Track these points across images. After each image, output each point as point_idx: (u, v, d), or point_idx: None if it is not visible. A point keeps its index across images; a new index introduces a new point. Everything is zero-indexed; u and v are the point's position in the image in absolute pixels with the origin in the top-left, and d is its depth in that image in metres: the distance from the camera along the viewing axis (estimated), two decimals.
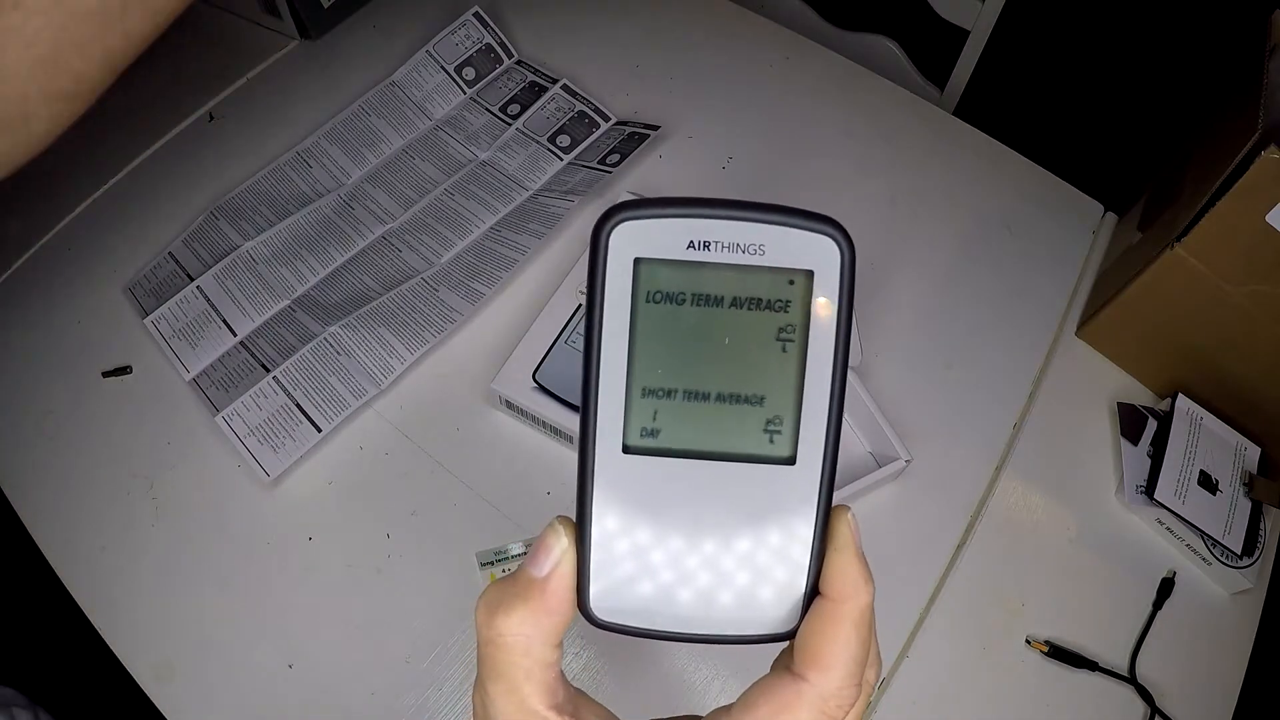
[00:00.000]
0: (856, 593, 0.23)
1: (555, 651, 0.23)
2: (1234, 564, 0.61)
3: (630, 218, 0.23)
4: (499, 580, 0.24)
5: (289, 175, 0.77)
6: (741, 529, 0.24)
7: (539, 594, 0.23)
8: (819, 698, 0.23)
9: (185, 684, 0.56)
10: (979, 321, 0.71)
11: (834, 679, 0.23)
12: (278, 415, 0.64)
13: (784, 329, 0.23)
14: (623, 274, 0.23)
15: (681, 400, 0.23)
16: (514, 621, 0.23)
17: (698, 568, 0.24)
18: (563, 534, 0.24)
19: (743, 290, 0.23)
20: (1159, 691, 0.58)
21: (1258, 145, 0.52)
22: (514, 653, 0.23)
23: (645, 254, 0.23)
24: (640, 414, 0.23)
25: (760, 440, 0.23)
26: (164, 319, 0.69)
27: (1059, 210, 0.78)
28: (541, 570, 0.23)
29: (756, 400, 0.23)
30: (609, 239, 0.23)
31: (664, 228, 0.23)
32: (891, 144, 0.80)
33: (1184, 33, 1.51)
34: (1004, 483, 0.65)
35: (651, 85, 0.83)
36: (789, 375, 0.23)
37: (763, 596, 0.24)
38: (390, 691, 0.56)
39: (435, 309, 0.68)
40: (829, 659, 0.23)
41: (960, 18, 0.94)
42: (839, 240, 0.23)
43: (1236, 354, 0.63)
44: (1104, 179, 0.84)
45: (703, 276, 0.23)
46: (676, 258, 0.23)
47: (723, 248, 0.22)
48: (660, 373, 0.23)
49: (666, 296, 0.23)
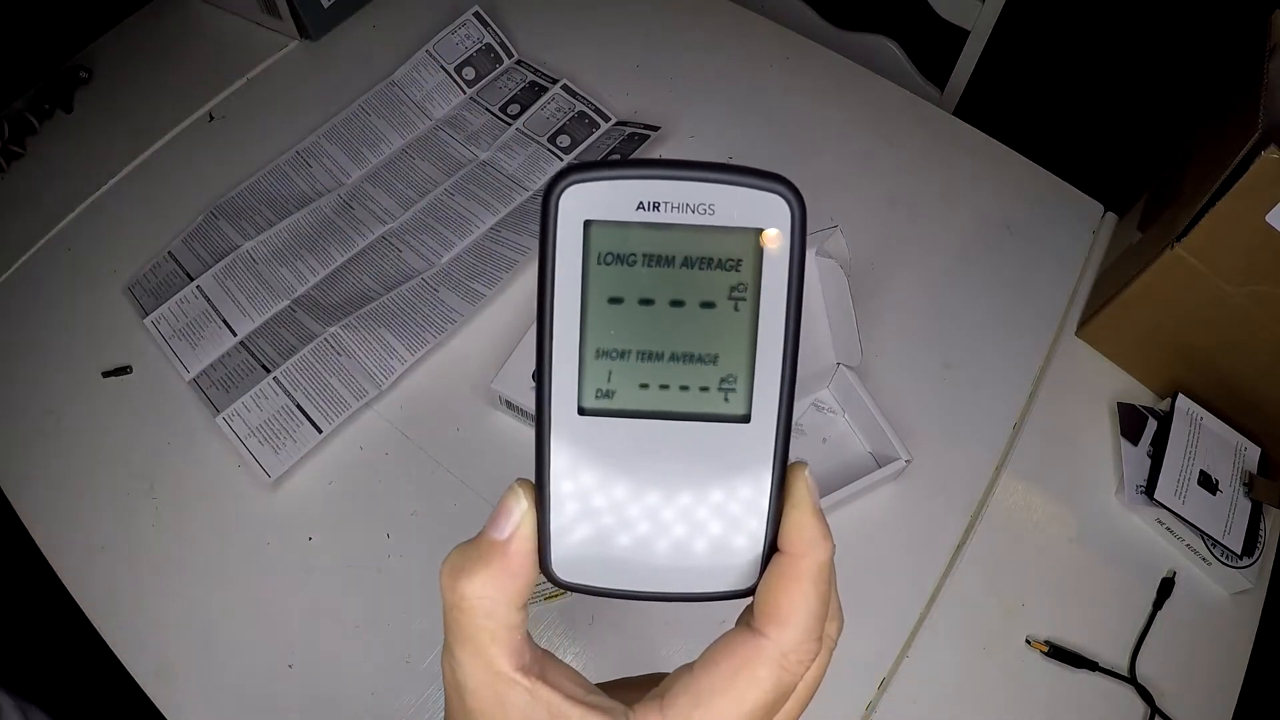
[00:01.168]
0: (814, 548, 0.23)
1: (520, 614, 0.23)
2: (1234, 564, 0.61)
3: (579, 180, 0.22)
4: (461, 545, 0.24)
5: (289, 175, 0.77)
6: (699, 487, 0.24)
7: (500, 556, 0.23)
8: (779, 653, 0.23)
9: (185, 684, 0.56)
10: (979, 321, 0.71)
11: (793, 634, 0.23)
12: (278, 416, 0.64)
13: (735, 288, 0.23)
14: (573, 236, 0.23)
15: (635, 361, 0.23)
16: (476, 584, 0.23)
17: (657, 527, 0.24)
18: (522, 496, 0.24)
19: (694, 250, 0.23)
20: (1159, 691, 0.58)
21: (1258, 145, 0.52)
22: (478, 615, 0.23)
23: (595, 215, 0.23)
24: (594, 376, 0.23)
25: (715, 399, 0.24)
26: (164, 319, 0.69)
27: (1059, 210, 0.78)
28: (502, 533, 0.24)
29: (710, 359, 0.23)
30: (559, 201, 0.22)
31: (613, 189, 0.22)
32: (891, 144, 0.80)
33: (1184, 33, 1.51)
34: (1004, 483, 0.65)
35: (651, 85, 0.83)
36: (741, 334, 0.23)
37: (722, 554, 0.24)
38: (390, 691, 0.56)
39: (435, 309, 0.68)
40: (787, 614, 0.23)
41: (960, 18, 0.94)
42: (789, 198, 0.23)
43: (1236, 354, 0.63)
44: (1104, 179, 0.84)
45: (653, 237, 0.23)
46: (626, 219, 0.22)
47: (673, 208, 0.22)
48: (613, 334, 0.23)
49: (617, 258, 0.23)
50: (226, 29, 0.87)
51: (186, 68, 0.84)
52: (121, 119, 0.81)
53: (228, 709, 0.56)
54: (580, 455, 0.24)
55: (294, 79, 0.84)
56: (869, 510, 0.63)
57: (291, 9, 0.83)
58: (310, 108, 0.81)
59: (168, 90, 0.82)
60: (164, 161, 0.79)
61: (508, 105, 0.81)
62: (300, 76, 0.84)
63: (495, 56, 0.83)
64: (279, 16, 0.84)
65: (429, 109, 0.81)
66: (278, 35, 0.86)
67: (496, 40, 0.83)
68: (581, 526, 0.24)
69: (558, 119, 0.79)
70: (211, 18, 0.88)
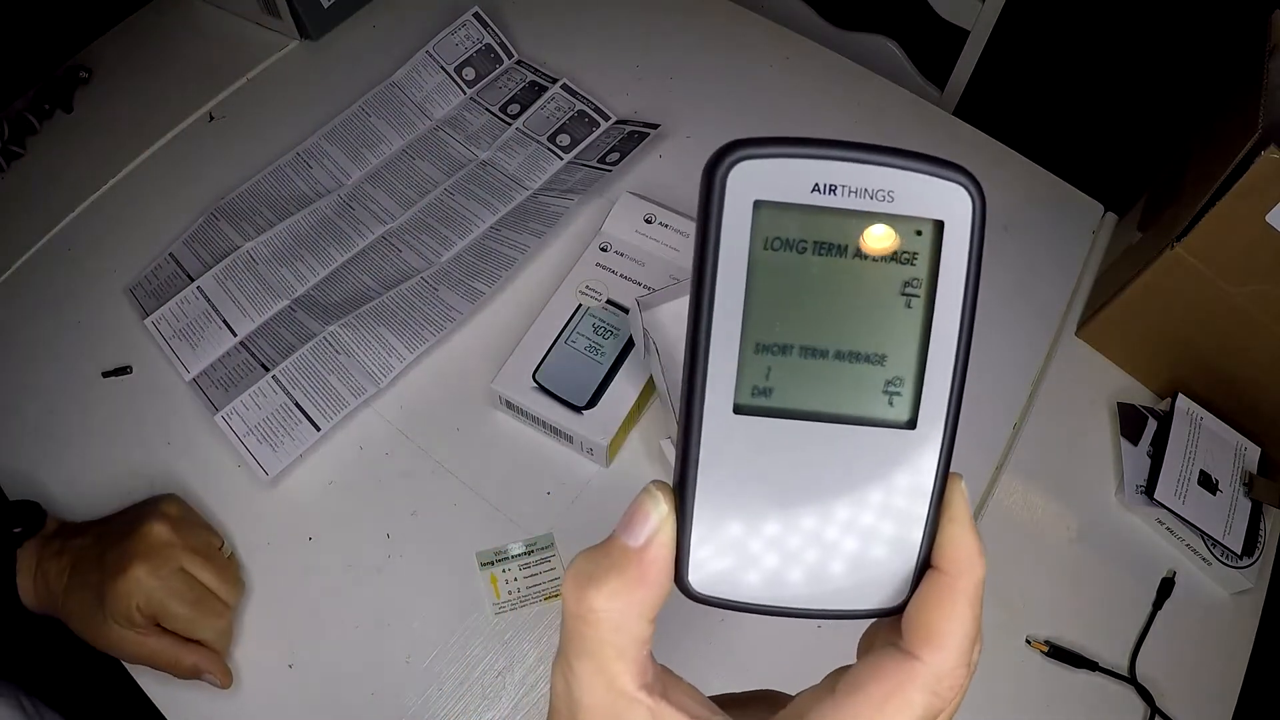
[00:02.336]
0: (972, 566, 0.22)
1: (649, 627, 0.22)
2: (1234, 564, 0.61)
3: (750, 155, 0.20)
4: (588, 551, 0.22)
5: (289, 175, 0.77)
6: (854, 496, 0.22)
7: (635, 565, 0.21)
8: (933, 677, 0.21)
9: (185, 684, 0.55)
10: (979, 321, 0.71)
11: (949, 658, 0.21)
12: (277, 414, 0.64)
13: (909, 283, 0.21)
14: (740, 218, 0.21)
15: (798, 357, 0.21)
16: (605, 596, 0.21)
17: (805, 538, 0.22)
18: (661, 500, 0.22)
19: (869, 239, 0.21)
20: (1159, 691, 0.58)
21: (1258, 145, 0.52)
22: (605, 629, 0.21)
23: (766, 196, 0.21)
24: (753, 371, 0.22)
25: (879, 402, 0.22)
26: (164, 319, 0.69)
27: (1059, 210, 0.78)
28: (637, 540, 0.22)
29: (877, 359, 0.22)
30: (726, 178, 0.20)
31: (787, 168, 0.21)
32: (891, 144, 0.80)
33: (1184, 33, 1.51)
34: (1004, 483, 0.65)
35: (651, 85, 0.83)
36: (913, 333, 0.22)
37: (871, 569, 0.22)
38: (390, 691, 0.56)
39: (435, 308, 0.68)
40: (944, 636, 0.21)
41: (960, 18, 0.94)
42: (971, 190, 0.21)
43: (1236, 354, 0.63)
44: (1104, 179, 0.84)
45: (827, 223, 0.21)
46: (800, 201, 0.21)
47: (850, 192, 0.21)
48: (777, 327, 0.21)
49: (786, 244, 0.21)
50: (226, 29, 0.87)
51: (186, 68, 0.84)
52: (121, 119, 0.81)
53: (227, 709, 0.56)
54: (730, 457, 0.22)
55: (294, 79, 0.84)
56: None
57: (291, 9, 0.83)
58: (310, 108, 0.81)
59: (168, 90, 0.82)
60: (164, 161, 0.79)
61: (508, 105, 0.81)
62: (300, 76, 0.84)
63: (495, 57, 0.83)
64: (279, 16, 0.84)
65: (429, 109, 0.81)
66: (278, 35, 0.86)
67: (496, 40, 0.83)
68: (725, 534, 0.22)
69: (558, 118, 0.79)
70: (211, 18, 0.88)
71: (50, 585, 0.54)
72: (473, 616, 0.59)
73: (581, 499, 0.62)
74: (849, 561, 0.22)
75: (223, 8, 0.87)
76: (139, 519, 0.55)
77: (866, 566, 0.22)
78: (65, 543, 0.56)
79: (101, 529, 0.57)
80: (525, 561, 0.60)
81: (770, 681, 0.27)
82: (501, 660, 0.57)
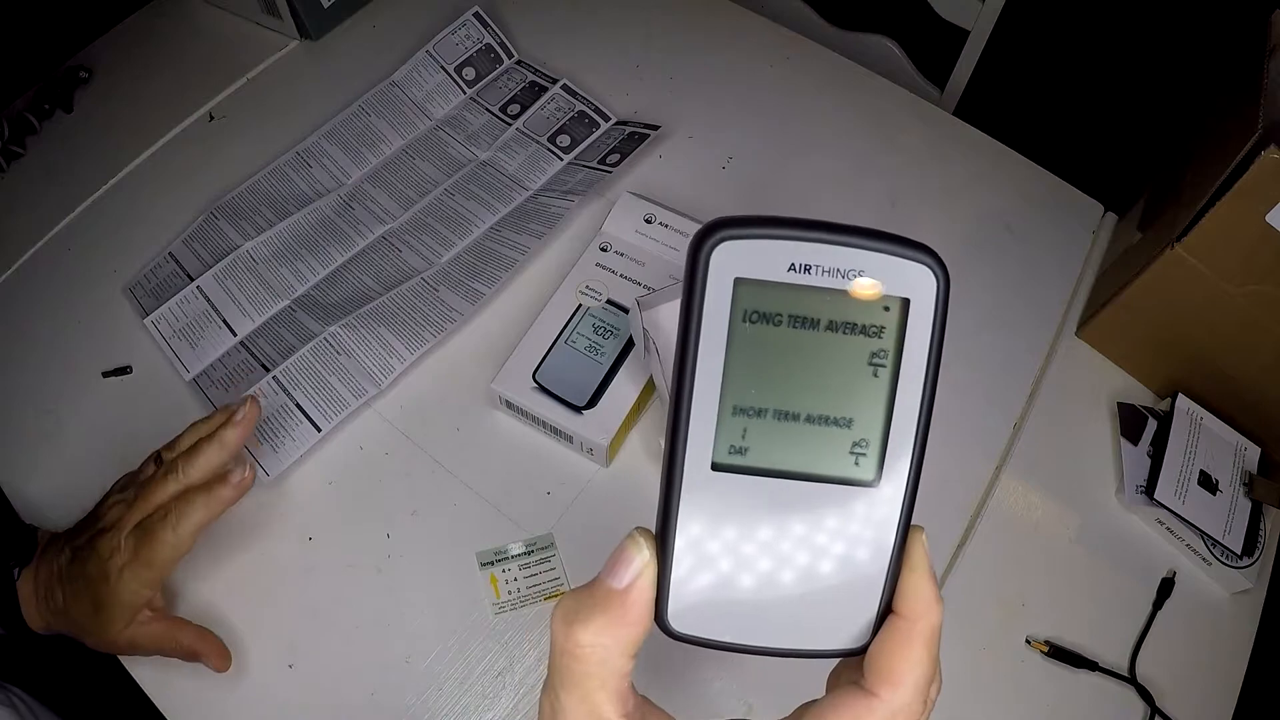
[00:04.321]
0: (929, 611, 0.24)
1: (631, 662, 0.24)
2: (1234, 564, 0.61)
3: (732, 236, 0.23)
4: (575, 590, 0.24)
5: (289, 175, 0.77)
6: (822, 548, 0.24)
7: (619, 605, 0.23)
8: (889, 713, 0.23)
9: (185, 684, 0.56)
10: (979, 321, 0.71)
11: (905, 694, 0.23)
12: (277, 415, 0.64)
13: (876, 354, 0.23)
14: (722, 292, 0.23)
15: (772, 420, 0.24)
16: (591, 633, 0.23)
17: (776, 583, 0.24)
18: (644, 546, 0.24)
19: (839, 314, 0.23)
20: (1159, 691, 0.58)
21: (1258, 145, 0.52)
22: (590, 663, 0.23)
23: (746, 274, 0.23)
24: (730, 432, 0.24)
25: (846, 462, 0.24)
26: (164, 319, 0.69)
27: (1059, 210, 0.78)
28: (621, 582, 0.24)
29: (845, 423, 0.24)
30: (710, 256, 0.23)
31: (765, 249, 0.23)
32: (891, 144, 0.80)
33: (1184, 33, 1.51)
34: (1004, 483, 0.65)
35: (651, 85, 0.83)
36: (878, 400, 0.24)
37: (838, 613, 0.24)
38: (390, 691, 0.56)
39: (435, 309, 0.68)
40: (901, 675, 0.23)
41: (960, 18, 0.94)
42: (935, 270, 0.23)
43: (1236, 354, 0.63)
44: (1104, 179, 0.84)
45: (801, 299, 0.23)
46: (777, 279, 0.23)
47: (822, 271, 0.23)
48: (753, 392, 0.23)
49: (764, 317, 0.23)
50: (226, 29, 0.87)
51: (186, 68, 0.84)
52: (121, 119, 0.81)
53: (227, 709, 0.56)
54: (708, 509, 0.24)
55: (294, 79, 0.84)
56: None
57: (291, 9, 0.83)
58: (310, 108, 0.81)
59: (168, 90, 0.82)
60: (164, 161, 0.79)
61: (508, 105, 0.81)
62: (300, 76, 0.84)
63: (495, 57, 0.83)
64: (279, 16, 0.84)
65: (429, 109, 0.81)
66: (278, 35, 0.86)
67: (496, 40, 0.83)
68: (702, 579, 0.24)
69: (558, 119, 0.79)
70: (211, 18, 0.88)
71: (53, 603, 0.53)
72: (473, 616, 0.59)
73: (581, 499, 0.62)
74: (816, 606, 0.24)
75: (223, 8, 0.87)
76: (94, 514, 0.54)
77: (833, 611, 0.24)
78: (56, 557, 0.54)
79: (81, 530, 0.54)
80: (525, 561, 0.60)
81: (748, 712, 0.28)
82: (501, 660, 0.57)
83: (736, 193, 0.77)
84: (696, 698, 0.57)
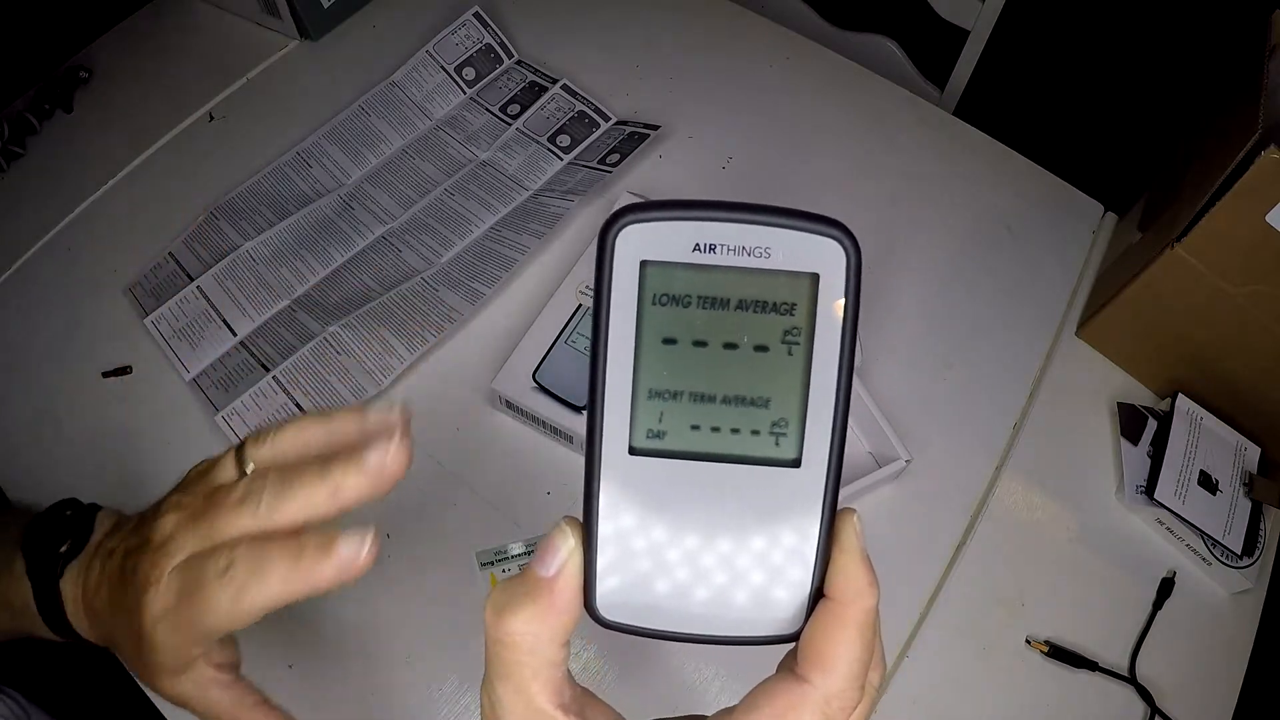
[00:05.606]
0: (860, 595, 0.23)
1: (562, 650, 0.24)
2: (1234, 564, 0.61)
3: (636, 220, 0.22)
4: (506, 581, 0.24)
5: (289, 175, 0.77)
6: (747, 530, 0.24)
7: (546, 594, 0.23)
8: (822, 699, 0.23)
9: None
10: (979, 321, 0.71)
11: (837, 680, 0.23)
12: (277, 415, 0.64)
13: (789, 331, 0.23)
14: (629, 276, 0.23)
15: (687, 402, 0.23)
16: (521, 621, 0.23)
17: (703, 569, 0.24)
18: (569, 534, 0.24)
19: (748, 293, 0.23)
20: (1159, 691, 0.58)
21: (1258, 145, 0.52)
22: (521, 652, 0.23)
23: (651, 256, 0.23)
24: (647, 416, 0.23)
25: (766, 442, 0.24)
26: (164, 319, 0.69)
27: (1059, 210, 0.78)
28: (548, 570, 0.24)
29: (762, 402, 0.23)
30: (615, 241, 0.23)
31: (669, 230, 0.23)
32: (891, 144, 0.80)
33: (1184, 33, 1.51)
34: (1004, 483, 0.65)
35: (651, 85, 0.83)
36: (794, 378, 0.23)
37: (768, 598, 0.24)
38: (390, 691, 0.56)
39: (435, 309, 0.68)
40: (832, 660, 0.23)
41: (960, 18, 0.94)
42: (845, 243, 0.23)
43: (1236, 354, 0.63)
44: (1104, 179, 0.84)
45: (708, 279, 0.23)
46: (682, 260, 0.23)
47: (728, 250, 0.22)
48: (666, 375, 0.23)
49: (672, 299, 0.23)
50: (226, 29, 0.87)
51: (186, 68, 0.84)
52: (121, 119, 0.81)
53: None
54: (629, 495, 0.24)
55: (294, 79, 0.84)
56: (869, 510, 0.63)
57: (291, 9, 0.83)
58: (310, 108, 0.81)
59: (168, 90, 0.82)
60: (164, 161, 0.79)
61: (508, 105, 0.81)
62: (300, 76, 0.84)
63: (495, 57, 0.83)
64: (279, 16, 0.84)
65: (429, 109, 0.81)
66: (278, 35, 0.86)
67: (496, 40, 0.83)
68: (628, 566, 0.24)
69: (558, 119, 0.79)
70: (211, 18, 0.88)
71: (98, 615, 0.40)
72: (473, 616, 0.58)
73: (581, 499, 0.62)
74: (746, 591, 0.24)
75: (223, 8, 0.87)
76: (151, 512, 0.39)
77: (763, 596, 0.24)
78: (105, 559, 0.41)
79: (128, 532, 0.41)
80: (525, 561, 0.60)
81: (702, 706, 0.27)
82: None
83: (736, 193, 0.77)
84: (687, 689, 0.57)
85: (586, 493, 0.24)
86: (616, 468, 0.24)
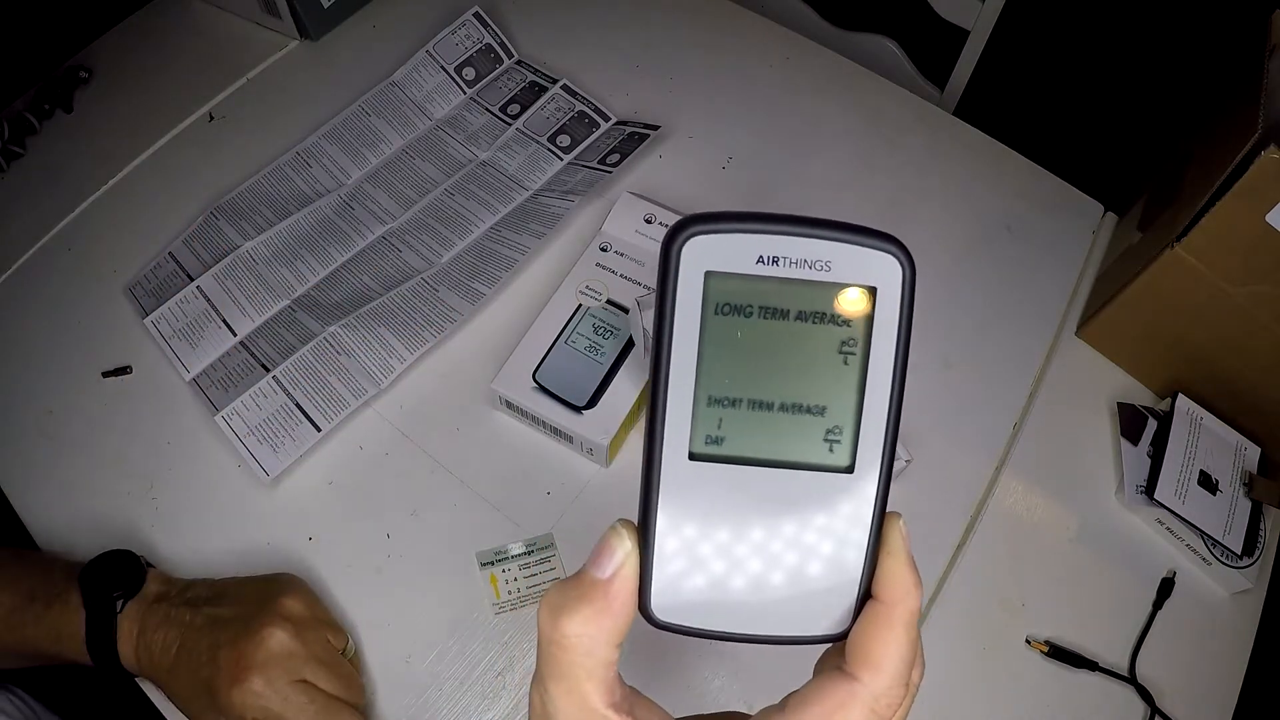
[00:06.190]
0: (907, 596, 0.24)
1: (616, 651, 0.24)
2: (1234, 564, 0.61)
3: (702, 231, 0.23)
4: (560, 582, 0.25)
5: (289, 175, 0.77)
6: (800, 534, 0.24)
7: (602, 596, 0.24)
8: (871, 697, 0.23)
9: None
10: (979, 321, 0.71)
11: (885, 679, 0.23)
12: (277, 415, 0.64)
13: (846, 342, 0.24)
14: (693, 286, 0.23)
15: (746, 409, 0.24)
16: (577, 623, 0.24)
17: (756, 571, 0.24)
18: (626, 537, 0.25)
19: (809, 304, 0.23)
20: (1159, 691, 0.58)
21: (1258, 145, 0.52)
22: (576, 653, 0.24)
23: (716, 267, 0.23)
24: (706, 422, 0.24)
25: (820, 449, 0.24)
26: (164, 319, 0.69)
27: (1059, 210, 0.78)
28: (604, 572, 0.24)
29: (818, 410, 0.24)
30: (681, 252, 0.23)
31: (734, 242, 0.23)
32: (891, 144, 0.80)
33: (1184, 33, 1.51)
34: (1004, 483, 0.65)
35: (651, 85, 0.83)
36: (850, 387, 0.24)
37: (818, 599, 0.25)
38: (390, 691, 0.56)
39: (435, 309, 0.68)
40: (881, 659, 0.24)
41: (960, 18, 0.94)
42: (901, 259, 0.23)
43: (1236, 354, 0.63)
44: (1104, 179, 0.84)
45: (771, 290, 0.23)
46: (746, 271, 0.23)
47: (791, 263, 0.23)
48: (727, 382, 0.24)
49: (735, 309, 0.23)
50: (226, 29, 0.87)
51: (186, 68, 0.84)
52: (121, 119, 0.81)
53: None
54: (687, 499, 0.24)
55: (294, 79, 0.84)
56: None
57: (291, 9, 0.83)
58: (310, 108, 0.81)
59: (168, 90, 0.82)
60: (164, 161, 0.79)
61: (508, 105, 0.81)
62: (300, 76, 0.84)
63: (495, 56, 0.83)
64: (279, 16, 0.84)
65: (429, 109, 0.81)
66: (278, 35, 0.86)
67: (496, 40, 0.83)
68: (683, 568, 0.25)
69: (558, 119, 0.79)
70: (211, 18, 0.88)
71: (155, 659, 0.51)
72: (473, 616, 0.59)
73: (581, 499, 0.62)
74: (796, 592, 0.25)
75: (223, 8, 0.87)
76: (259, 618, 0.51)
77: (813, 597, 0.25)
78: (172, 611, 0.52)
79: (215, 611, 0.52)
80: (525, 561, 0.60)
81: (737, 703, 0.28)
82: (501, 660, 0.57)
83: (736, 193, 0.77)
84: (697, 695, 0.57)
85: (644, 496, 0.25)
86: (675, 473, 0.24)
